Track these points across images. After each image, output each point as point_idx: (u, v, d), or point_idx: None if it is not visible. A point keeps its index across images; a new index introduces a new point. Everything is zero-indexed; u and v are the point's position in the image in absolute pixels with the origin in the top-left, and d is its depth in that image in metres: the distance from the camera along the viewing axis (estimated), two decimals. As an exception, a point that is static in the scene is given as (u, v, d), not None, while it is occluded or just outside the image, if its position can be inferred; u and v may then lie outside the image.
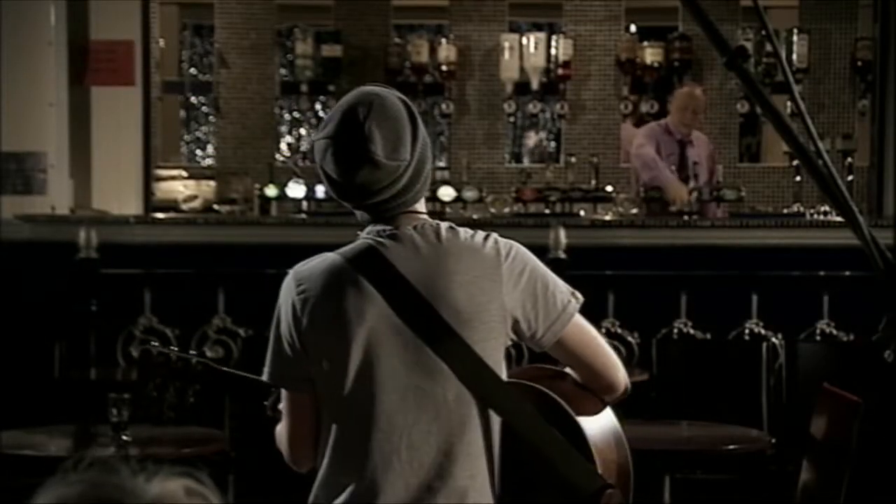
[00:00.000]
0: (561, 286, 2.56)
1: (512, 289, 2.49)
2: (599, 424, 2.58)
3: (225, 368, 2.93)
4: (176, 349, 2.94)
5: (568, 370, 2.62)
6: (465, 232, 2.53)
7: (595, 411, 2.58)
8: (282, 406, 2.62)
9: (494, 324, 2.47)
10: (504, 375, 2.53)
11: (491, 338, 2.47)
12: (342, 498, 2.47)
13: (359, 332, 2.45)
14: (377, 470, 2.45)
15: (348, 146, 2.45)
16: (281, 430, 2.62)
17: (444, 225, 2.54)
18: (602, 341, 2.61)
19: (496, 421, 2.50)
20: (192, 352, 2.96)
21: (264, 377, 2.58)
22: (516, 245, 2.56)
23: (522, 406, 2.50)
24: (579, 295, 2.57)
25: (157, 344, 2.96)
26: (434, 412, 2.45)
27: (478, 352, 2.46)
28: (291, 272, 2.54)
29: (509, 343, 2.53)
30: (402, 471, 2.44)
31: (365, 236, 2.54)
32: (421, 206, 2.57)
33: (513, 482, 2.54)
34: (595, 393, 2.60)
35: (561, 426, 2.51)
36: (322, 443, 2.51)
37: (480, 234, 2.54)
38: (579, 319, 2.55)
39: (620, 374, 2.60)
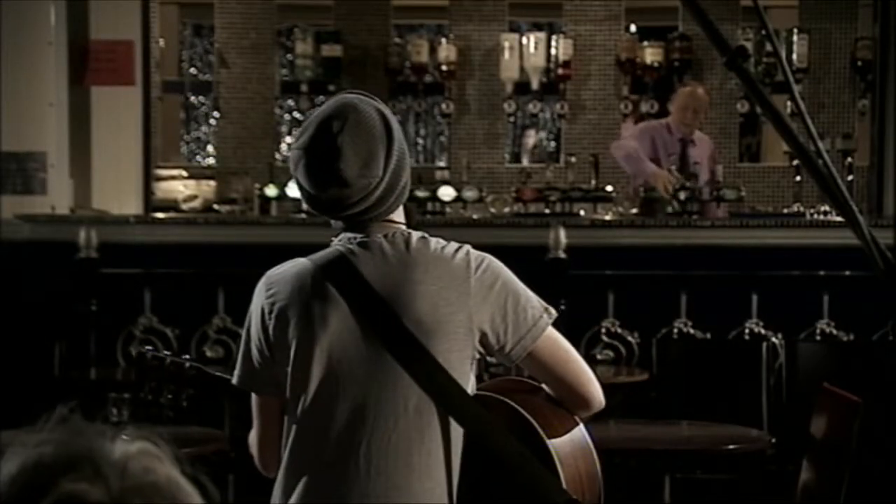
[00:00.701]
0: (533, 300, 2.53)
1: (481, 301, 2.48)
2: (570, 441, 2.55)
3: (218, 373, 2.94)
4: (169, 353, 2.95)
5: (543, 386, 2.60)
6: (436, 242, 2.53)
7: (566, 429, 2.56)
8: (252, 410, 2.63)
9: (459, 335, 2.46)
10: (470, 387, 2.51)
11: (455, 349, 2.46)
12: (296, 499, 2.47)
13: (322, 338, 2.45)
14: (333, 475, 2.45)
15: (319, 161, 2.45)
16: (252, 434, 2.63)
17: (415, 234, 2.53)
18: (576, 357, 2.58)
19: (457, 432, 2.48)
20: (185, 356, 2.97)
21: (234, 380, 2.59)
22: (489, 258, 2.54)
23: (486, 417, 2.48)
24: (552, 311, 2.55)
25: (150, 349, 2.97)
26: (393, 421, 2.44)
27: (440, 362, 2.44)
28: (265, 276, 2.56)
29: (477, 356, 2.51)
30: (359, 478, 2.43)
31: (336, 243, 2.55)
32: (397, 215, 2.56)
33: (473, 495, 2.52)
34: (568, 409, 2.58)
35: (527, 441, 2.48)
36: (283, 447, 2.52)
37: (453, 245, 2.53)
38: (552, 334, 2.53)
39: (594, 390, 2.57)
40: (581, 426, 2.59)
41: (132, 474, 1.10)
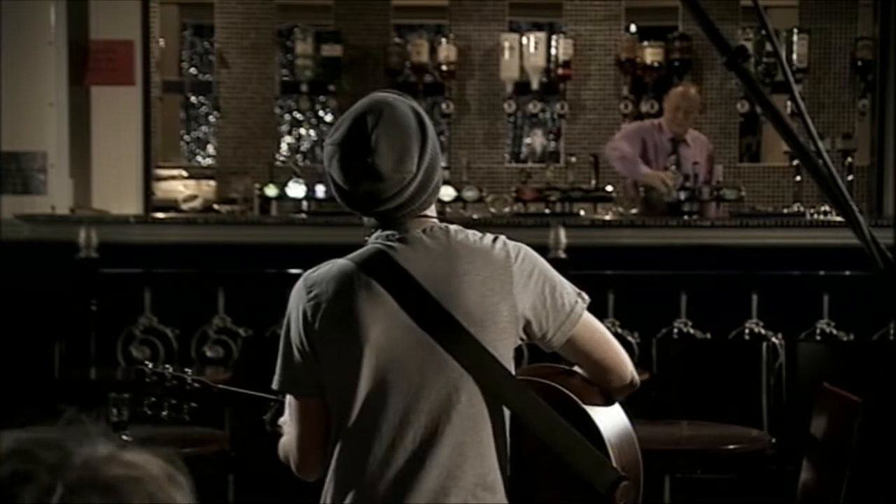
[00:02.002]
0: (568, 287, 2.57)
1: (522, 290, 2.50)
2: (613, 422, 2.60)
3: (221, 386, 2.93)
4: (170, 368, 2.94)
5: (575, 368, 2.64)
6: (473, 234, 2.55)
7: (607, 408, 2.60)
8: (286, 416, 2.62)
9: (506, 324, 2.48)
10: (513, 373, 2.54)
11: (502, 338, 2.49)
12: (352, 499, 2.47)
13: (371, 335, 2.45)
14: (392, 472, 2.45)
15: (353, 156, 2.46)
16: (287, 440, 2.61)
17: (453, 227, 2.55)
18: (610, 338, 2.63)
19: (507, 419, 2.52)
20: (186, 370, 2.96)
21: (274, 385, 2.57)
22: (525, 247, 2.57)
23: (536, 402, 2.51)
24: (586, 295, 2.59)
25: (150, 364, 2.96)
26: (447, 412, 2.45)
27: (491, 351, 2.47)
28: (301, 279, 2.54)
29: (519, 343, 2.55)
30: (416, 471, 2.44)
31: (374, 241, 2.55)
32: (430, 210, 2.58)
33: (523, 480, 2.55)
34: (605, 389, 2.61)
35: (573, 421, 2.52)
36: (330, 450, 2.51)
37: (489, 236, 2.55)
38: (588, 318, 2.57)
39: (629, 369, 2.62)
40: (620, 409, 2.63)
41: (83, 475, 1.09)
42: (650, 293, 6.21)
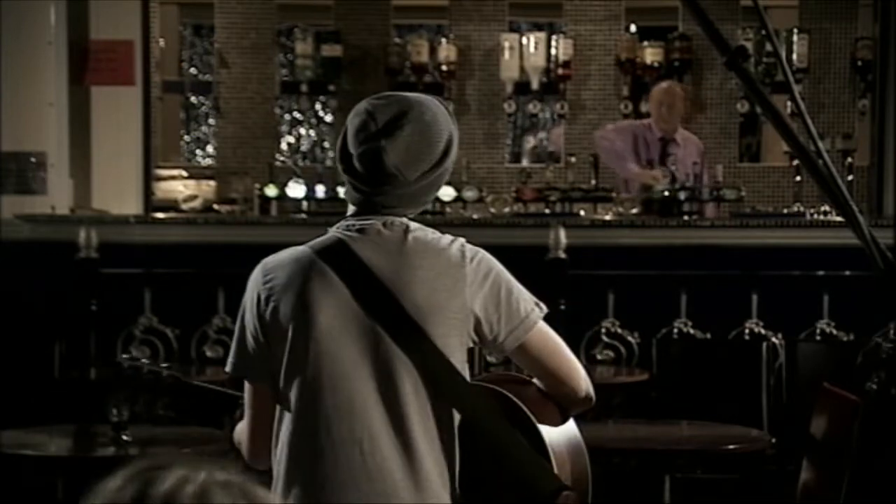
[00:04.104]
0: (525, 294, 2.57)
1: (476, 289, 2.51)
2: (559, 431, 2.58)
3: (195, 382, 2.95)
4: (147, 361, 2.95)
5: (534, 380, 2.63)
6: (433, 233, 2.57)
7: (556, 422, 2.58)
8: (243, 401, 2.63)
9: (455, 321, 2.49)
10: (466, 375, 2.53)
11: (451, 334, 2.49)
12: (301, 490, 2.47)
13: (320, 321, 2.47)
14: (341, 461, 2.45)
15: (373, 132, 2.49)
16: (240, 427, 2.65)
17: (413, 224, 2.57)
18: (566, 350, 2.61)
19: (455, 417, 2.51)
20: (163, 364, 2.97)
21: (227, 368, 2.61)
22: (482, 252, 2.58)
23: (481, 402, 2.51)
24: (543, 305, 2.59)
25: (127, 357, 2.97)
26: (392, 404, 2.46)
27: (438, 346, 2.47)
28: (260, 264, 2.59)
29: (471, 344, 2.54)
30: (366, 462, 2.45)
31: (334, 230, 2.58)
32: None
33: (471, 480, 2.54)
34: (558, 402, 2.60)
35: (520, 429, 2.51)
36: (281, 437, 2.52)
37: (448, 237, 2.57)
38: (543, 327, 2.57)
39: (583, 384, 2.61)
40: (572, 422, 2.62)
41: None
42: (650, 293, 6.20)
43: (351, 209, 2.60)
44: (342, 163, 2.55)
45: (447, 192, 6.92)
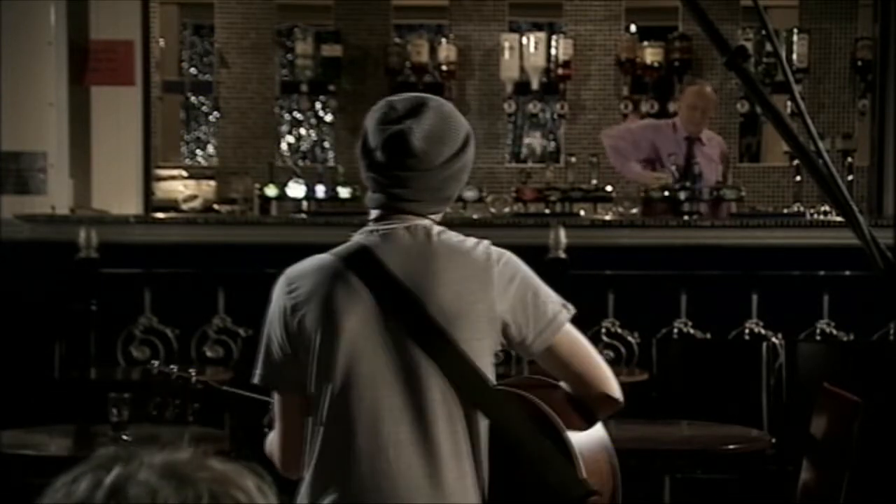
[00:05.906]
0: (552, 296, 2.56)
1: (502, 292, 2.49)
2: (587, 434, 2.57)
3: (225, 388, 2.94)
4: (175, 368, 2.95)
5: (561, 384, 2.61)
6: (456, 235, 2.57)
7: (584, 426, 2.57)
8: (273, 411, 2.62)
9: (482, 324, 2.47)
10: (493, 379, 2.52)
11: (476, 338, 2.47)
12: (330, 499, 2.46)
13: (346, 329, 2.45)
14: (366, 470, 2.44)
15: (396, 118, 2.49)
16: (272, 437, 2.62)
17: (436, 227, 2.57)
18: (594, 353, 2.60)
19: (483, 423, 2.49)
20: (191, 370, 2.97)
21: (255, 380, 2.58)
22: (508, 253, 2.57)
23: (508, 408, 2.49)
24: (571, 307, 2.57)
25: (157, 363, 2.97)
26: (420, 410, 2.45)
27: (464, 350, 2.45)
28: (284, 274, 2.56)
29: (498, 347, 2.53)
30: (390, 470, 2.44)
31: (357, 236, 2.56)
32: (435, 217, 2.62)
33: (500, 486, 2.52)
34: (586, 405, 2.58)
35: (547, 434, 2.50)
36: (309, 446, 2.51)
37: (473, 239, 2.57)
38: (571, 329, 2.55)
39: (613, 386, 2.58)
40: (601, 425, 2.60)
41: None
42: (650, 293, 6.20)
43: (373, 214, 2.58)
44: (363, 159, 2.53)
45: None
